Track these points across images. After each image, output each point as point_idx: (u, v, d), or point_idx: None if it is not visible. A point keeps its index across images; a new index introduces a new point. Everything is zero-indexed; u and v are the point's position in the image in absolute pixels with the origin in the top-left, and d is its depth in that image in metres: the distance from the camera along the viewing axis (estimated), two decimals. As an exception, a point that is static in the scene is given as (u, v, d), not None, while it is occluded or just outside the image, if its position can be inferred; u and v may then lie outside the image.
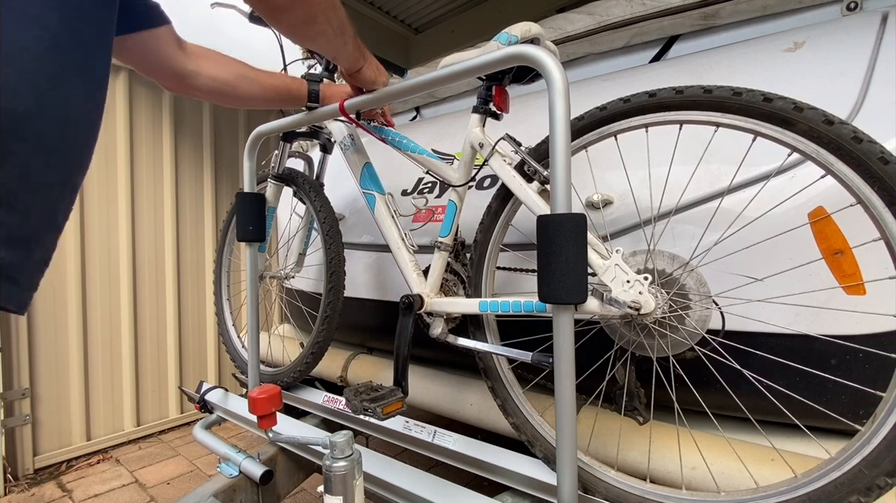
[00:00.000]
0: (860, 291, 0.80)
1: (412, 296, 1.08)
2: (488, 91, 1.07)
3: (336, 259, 1.37)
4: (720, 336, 0.84)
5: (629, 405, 0.92)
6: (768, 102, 0.75)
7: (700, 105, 0.81)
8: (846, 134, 0.69)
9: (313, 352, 1.42)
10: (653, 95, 0.85)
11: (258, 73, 1.13)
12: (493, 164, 1.00)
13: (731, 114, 0.78)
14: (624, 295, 0.83)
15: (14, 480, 2.21)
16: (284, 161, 1.51)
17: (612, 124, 0.91)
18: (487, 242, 1.08)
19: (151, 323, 2.75)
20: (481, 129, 1.06)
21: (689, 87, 0.82)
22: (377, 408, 0.96)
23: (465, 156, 1.08)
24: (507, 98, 1.09)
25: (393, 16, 4.25)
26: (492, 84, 1.07)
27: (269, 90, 1.14)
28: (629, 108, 0.88)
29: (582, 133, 0.95)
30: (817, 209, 0.82)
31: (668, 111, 0.84)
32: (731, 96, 0.77)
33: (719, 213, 0.89)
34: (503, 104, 1.08)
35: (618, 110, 0.90)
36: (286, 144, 1.50)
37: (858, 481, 0.67)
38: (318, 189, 1.45)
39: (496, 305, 0.97)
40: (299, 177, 1.48)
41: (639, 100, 0.87)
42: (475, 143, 1.05)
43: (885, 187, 0.66)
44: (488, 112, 1.07)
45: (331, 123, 1.41)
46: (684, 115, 0.83)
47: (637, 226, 1.02)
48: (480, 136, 1.05)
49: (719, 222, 0.89)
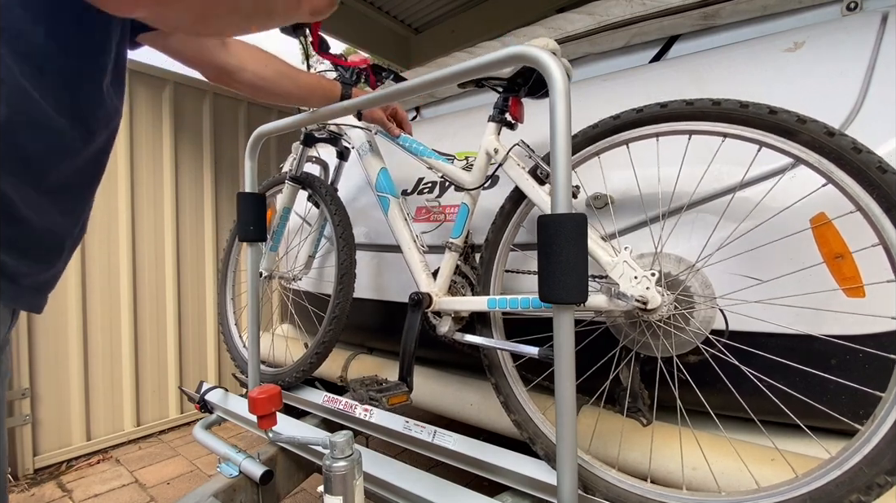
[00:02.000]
0: (860, 294, 0.82)
1: (421, 294, 1.10)
2: (505, 101, 1.11)
3: (348, 262, 1.38)
4: (724, 337, 0.85)
5: (633, 406, 0.93)
6: (773, 114, 0.78)
7: (709, 116, 0.84)
8: (846, 145, 0.72)
9: (318, 353, 1.42)
10: (664, 106, 0.89)
11: (298, 72, 1.15)
12: (508, 168, 1.05)
13: (738, 125, 0.81)
14: (632, 290, 0.85)
15: (14, 480, 2.21)
16: (303, 164, 1.53)
17: (624, 132, 0.94)
18: (498, 242, 1.11)
19: (151, 323, 2.75)
20: (496, 136, 1.11)
21: (699, 99, 0.85)
22: (383, 398, 0.98)
23: (480, 161, 1.12)
24: (522, 109, 1.13)
25: (393, 16, 4.26)
26: (508, 95, 1.11)
27: (304, 89, 1.15)
28: (641, 118, 0.92)
29: (595, 140, 0.98)
30: (819, 215, 0.84)
31: (678, 121, 0.88)
32: (738, 108, 0.81)
33: (724, 218, 0.91)
34: (518, 114, 1.12)
35: (630, 120, 0.93)
36: (305, 148, 1.52)
37: (858, 480, 0.67)
38: (334, 194, 1.48)
39: (504, 302, 0.99)
40: (316, 181, 1.50)
41: (651, 110, 0.90)
42: (490, 150, 1.10)
43: (883, 195, 0.69)
44: (504, 121, 1.12)
45: (351, 130, 1.45)
46: (694, 125, 0.86)
47: (644, 226, 1.03)
48: (496, 143, 1.09)
49: (724, 226, 0.90)
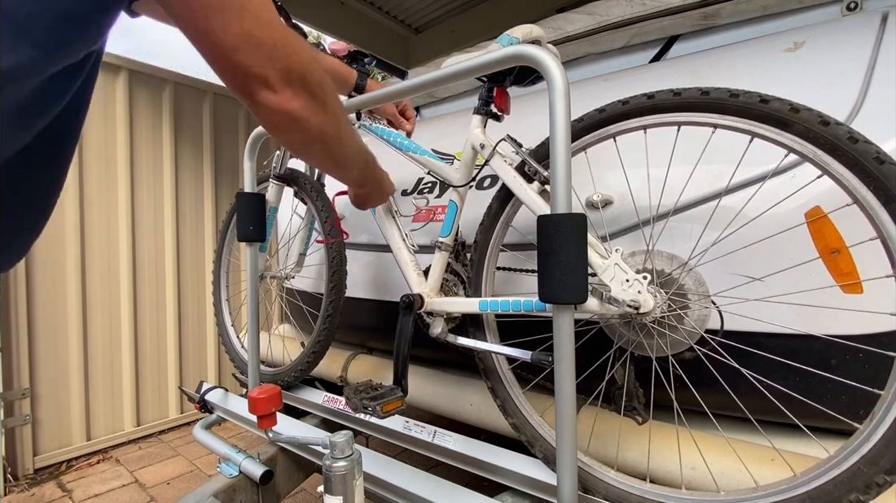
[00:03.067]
0: (857, 290, 0.80)
1: (412, 296, 1.09)
2: (489, 92, 1.07)
3: (338, 258, 1.37)
4: (719, 335, 0.84)
5: (628, 405, 0.92)
6: (765, 104, 0.75)
7: (698, 107, 0.81)
8: (842, 134, 0.69)
9: (314, 352, 1.41)
10: (651, 97, 0.86)
11: (318, 52, 1.17)
12: (494, 164, 1.01)
13: (729, 115, 0.79)
14: (623, 294, 0.83)
15: (14, 480, 2.21)
16: (286, 161, 1.50)
17: (610, 126, 0.92)
18: (488, 243, 1.08)
19: (151, 323, 2.75)
20: (482, 130, 1.06)
21: (687, 88, 0.82)
22: (377, 407, 0.96)
23: (466, 156, 1.08)
24: (508, 100, 1.09)
25: (393, 16, 4.26)
26: (493, 85, 1.07)
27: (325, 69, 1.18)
28: (628, 110, 0.89)
29: (581, 135, 0.95)
30: (814, 209, 0.83)
31: (666, 113, 0.85)
32: (728, 98, 0.78)
33: (717, 214, 0.89)
34: (504, 106, 1.08)
35: (617, 112, 0.90)
36: None
37: (857, 479, 0.67)
38: (320, 189, 1.45)
39: (496, 305, 0.97)
40: (301, 177, 1.48)
41: (637, 102, 0.87)
42: (476, 144, 1.05)
43: (880, 187, 0.67)
44: (489, 113, 1.08)
45: None
46: (682, 116, 0.83)
47: (636, 226, 1.02)
48: (481, 137, 1.05)
49: (717, 222, 0.89)
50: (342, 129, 0.72)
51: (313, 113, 0.63)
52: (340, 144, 0.74)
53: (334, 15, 3.83)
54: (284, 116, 0.60)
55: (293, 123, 0.62)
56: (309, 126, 0.64)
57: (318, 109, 0.63)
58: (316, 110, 0.63)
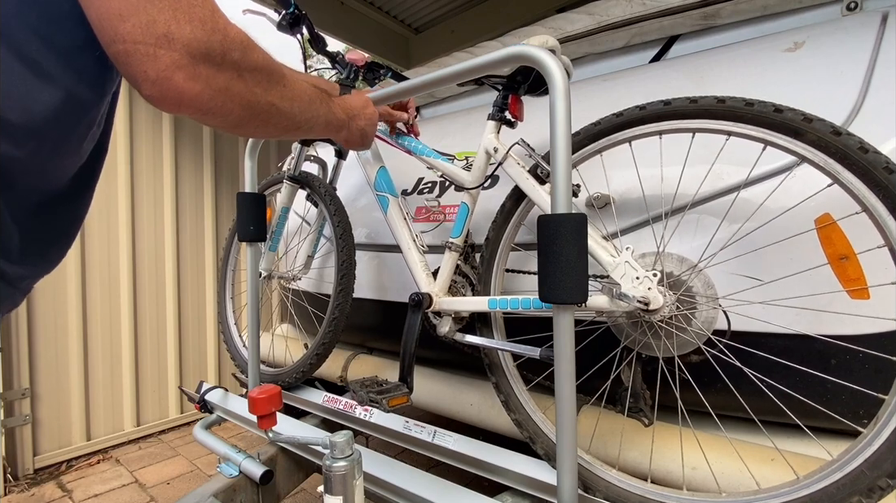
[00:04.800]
0: (864, 295, 0.81)
1: (421, 295, 1.10)
2: (504, 100, 1.10)
3: (347, 262, 1.38)
4: (726, 337, 0.84)
5: (635, 407, 0.93)
6: (779, 113, 0.77)
7: (713, 114, 0.83)
8: (853, 144, 0.71)
9: (318, 354, 1.41)
10: (668, 104, 0.87)
11: (298, 73, 1.14)
12: (508, 167, 1.04)
13: (743, 123, 0.80)
14: (633, 290, 0.84)
15: (14, 480, 2.21)
16: (301, 163, 1.53)
17: (627, 130, 0.93)
18: (499, 240, 1.10)
19: (151, 323, 2.75)
20: (496, 135, 1.09)
21: (703, 97, 0.84)
22: (383, 401, 0.97)
23: (479, 160, 1.11)
24: (521, 107, 1.12)
25: (393, 16, 4.26)
26: (508, 93, 1.10)
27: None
28: (645, 115, 0.91)
29: (598, 138, 0.97)
30: (824, 216, 0.83)
31: (682, 119, 0.86)
32: (742, 106, 0.80)
33: (727, 218, 0.90)
34: (518, 113, 1.11)
35: (634, 117, 0.92)
36: (303, 147, 1.53)
37: (860, 482, 0.67)
38: (333, 193, 1.47)
39: (505, 303, 0.99)
40: (314, 180, 1.50)
41: (654, 108, 0.89)
42: (490, 149, 1.08)
43: (889, 196, 0.68)
44: (503, 120, 1.11)
45: None
46: (698, 123, 0.85)
47: (646, 225, 1.03)
48: (495, 141, 1.08)
49: (728, 227, 0.90)
50: (273, 91, 0.61)
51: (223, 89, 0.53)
52: (278, 110, 0.63)
53: (334, 15, 3.83)
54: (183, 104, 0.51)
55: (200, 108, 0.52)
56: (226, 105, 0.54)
57: (230, 81, 0.53)
58: (226, 84, 0.53)
